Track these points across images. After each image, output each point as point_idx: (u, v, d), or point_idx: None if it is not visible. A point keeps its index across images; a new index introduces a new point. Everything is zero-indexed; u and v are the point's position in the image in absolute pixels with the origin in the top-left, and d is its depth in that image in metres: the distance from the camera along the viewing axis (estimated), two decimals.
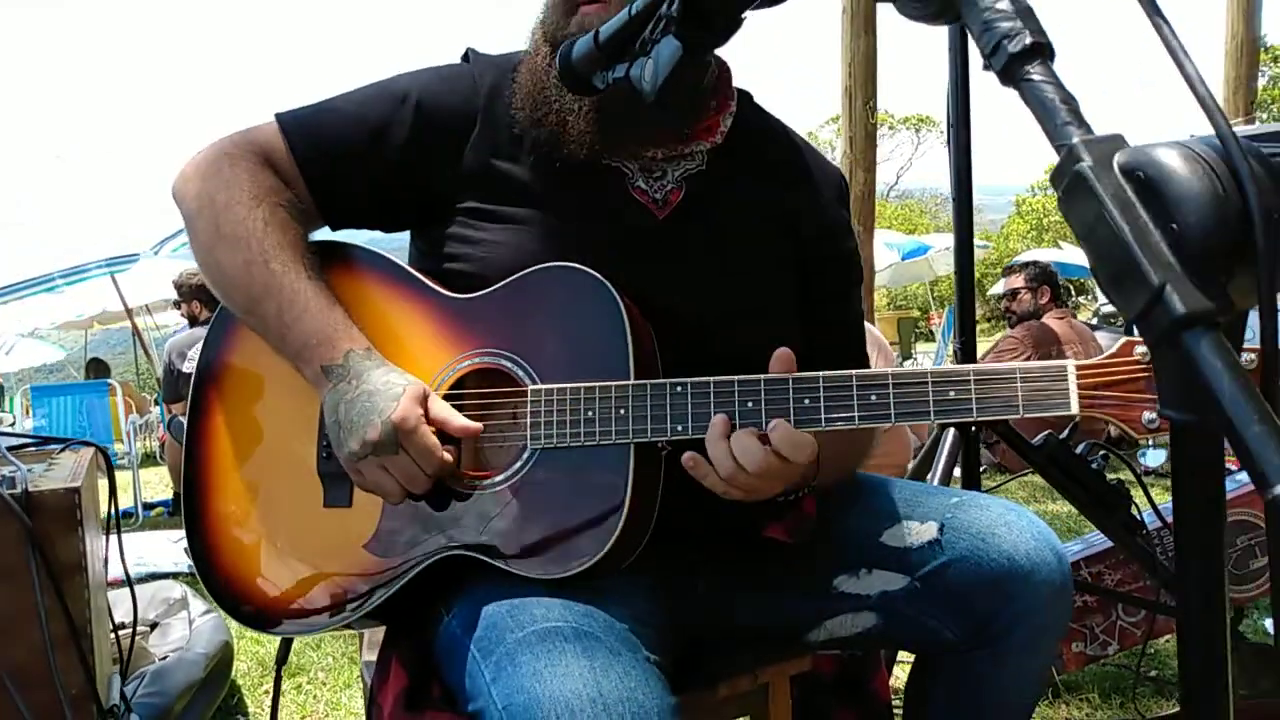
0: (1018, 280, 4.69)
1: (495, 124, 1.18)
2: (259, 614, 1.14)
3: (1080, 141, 0.50)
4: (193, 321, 5.27)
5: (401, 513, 1.10)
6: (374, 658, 1.25)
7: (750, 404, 1.00)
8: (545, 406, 1.06)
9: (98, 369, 9.53)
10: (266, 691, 2.55)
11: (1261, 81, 25.29)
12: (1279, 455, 0.41)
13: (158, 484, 6.76)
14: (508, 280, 1.11)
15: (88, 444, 1.47)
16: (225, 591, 1.16)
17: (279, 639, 1.32)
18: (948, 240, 15.55)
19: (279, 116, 1.20)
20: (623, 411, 1.03)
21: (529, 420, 1.06)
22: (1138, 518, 2.09)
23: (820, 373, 1.00)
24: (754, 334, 1.12)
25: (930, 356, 11.56)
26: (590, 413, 1.04)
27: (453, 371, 1.12)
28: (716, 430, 0.99)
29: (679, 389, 1.02)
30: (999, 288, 4.83)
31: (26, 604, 1.09)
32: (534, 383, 1.07)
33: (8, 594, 1.09)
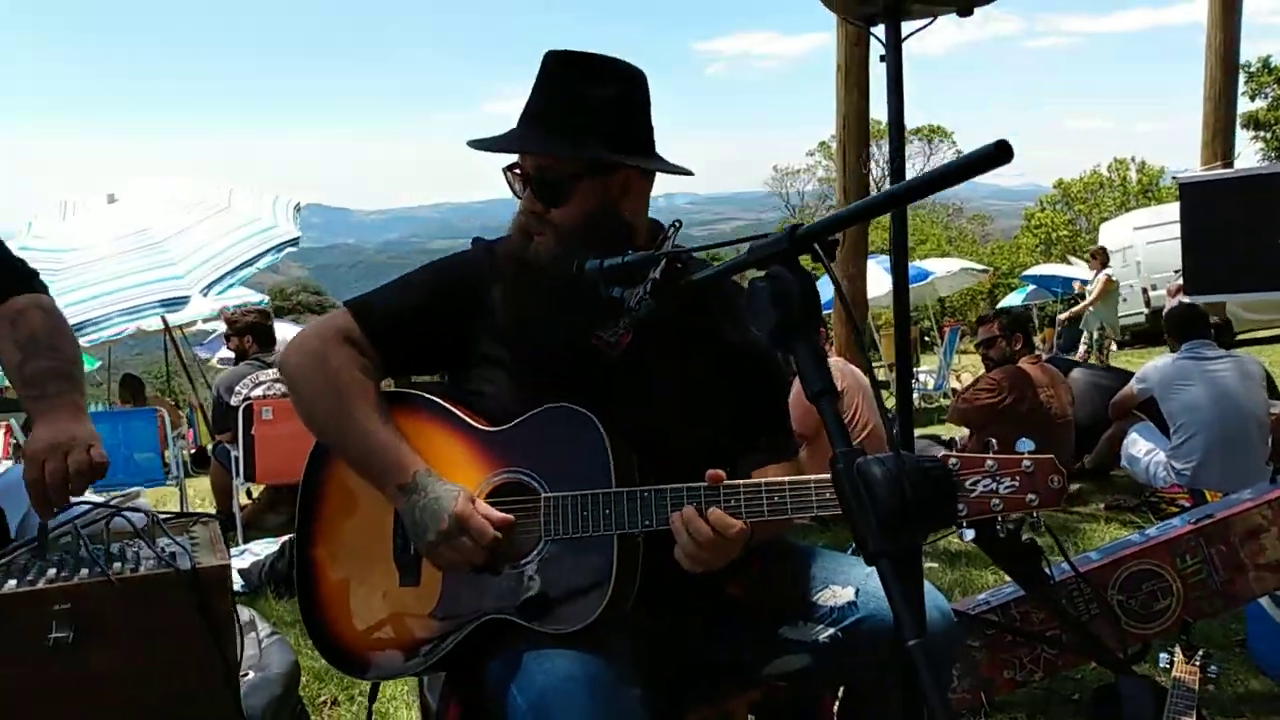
0: (993, 329, 5.10)
1: (493, 301, 1.62)
2: (353, 663, 1.58)
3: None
4: (240, 354, 5.74)
5: (455, 589, 1.52)
6: (436, 683, 1.70)
7: (693, 504, 1.43)
8: (554, 508, 1.49)
9: (133, 387, 10.05)
10: (324, 701, 2.99)
11: (1264, 103, 25.52)
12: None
13: (192, 498, 7.19)
14: (524, 416, 1.54)
15: (212, 516, 1.91)
16: (328, 644, 1.59)
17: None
18: (950, 264, 15.90)
19: (348, 304, 1.65)
20: (608, 511, 1.45)
21: (542, 518, 1.49)
22: (1047, 571, 2.52)
23: (740, 482, 1.42)
24: (694, 437, 1.55)
25: (932, 375, 11.68)
26: (585, 512, 1.46)
27: (488, 483, 1.55)
28: (678, 520, 1.41)
29: (646, 494, 1.45)
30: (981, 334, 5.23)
31: (194, 655, 1.53)
32: (545, 491, 1.50)
33: (181, 645, 1.52)
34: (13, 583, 1.51)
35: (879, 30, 2.60)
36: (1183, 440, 4.62)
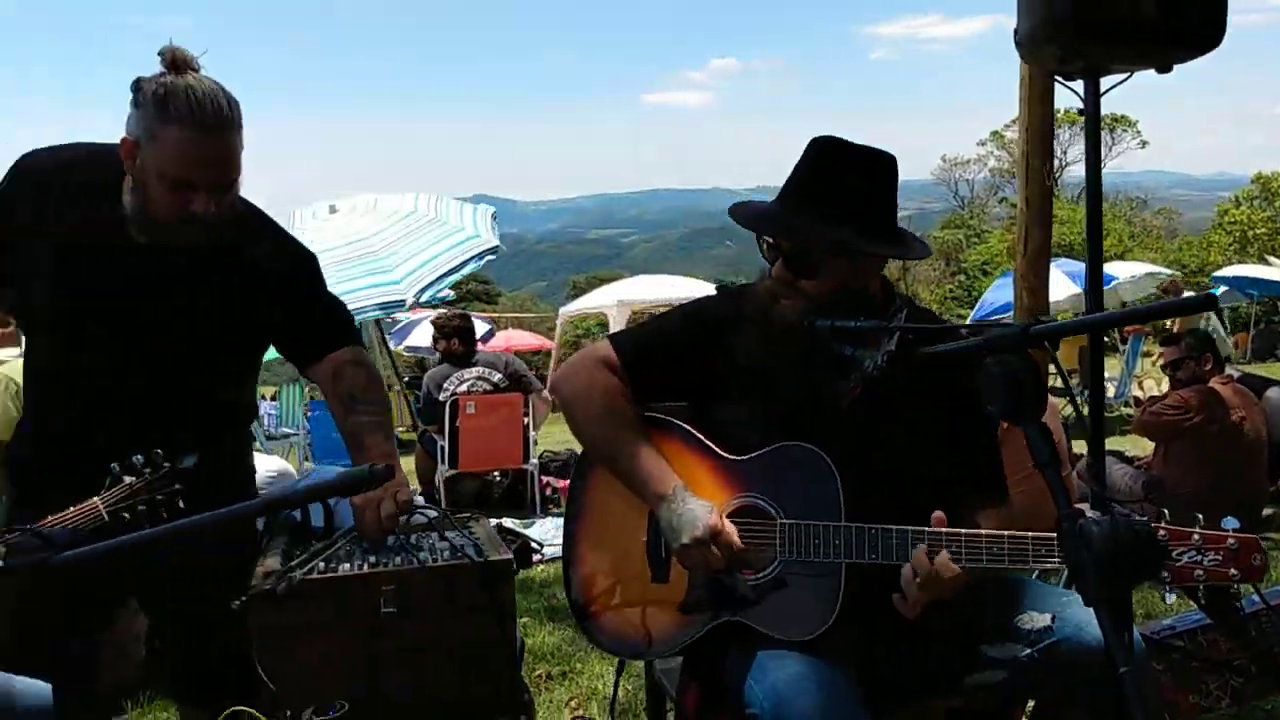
0: (1179, 352, 4.98)
1: (736, 346, 1.87)
2: (604, 640, 1.89)
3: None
4: (447, 354, 6.31)
5: (699, 589, 1.81)
6: (665, 667, 2.00)
7: (919, 545, 1.65)
8: (789, 533, 1.74)
9: None
10: (540, 676, 3.37)
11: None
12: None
13: None
14: (762, 450, 1.80)
15: (480, 514, 2.29)
16: (585, 621, 1.91)
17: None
18: (1134, 268, 15.11)
19: (610, 338, 1.96)
20: (838, 542, 1.70)
21: (778, 541, 1.75)
22: (1237, 604, 2.59)
23: (962, 531, 1.63)
24: (914, 481, 1.76)
25: (1113, 382, 11.21)
26: (818, 540, 1.71)
27: (730, 504, 1.82)
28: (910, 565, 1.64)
29: (874, 530, 1.68)
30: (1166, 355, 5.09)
31: (486, 631, 1.88)
32: (780, 517, 1.76)
33: (475, 623, 1.88)
34: (347, 566, 1.90)
35: (1078, 85, 2.71)
36: None
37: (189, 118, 1.81)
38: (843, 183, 1.77)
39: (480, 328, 15.17)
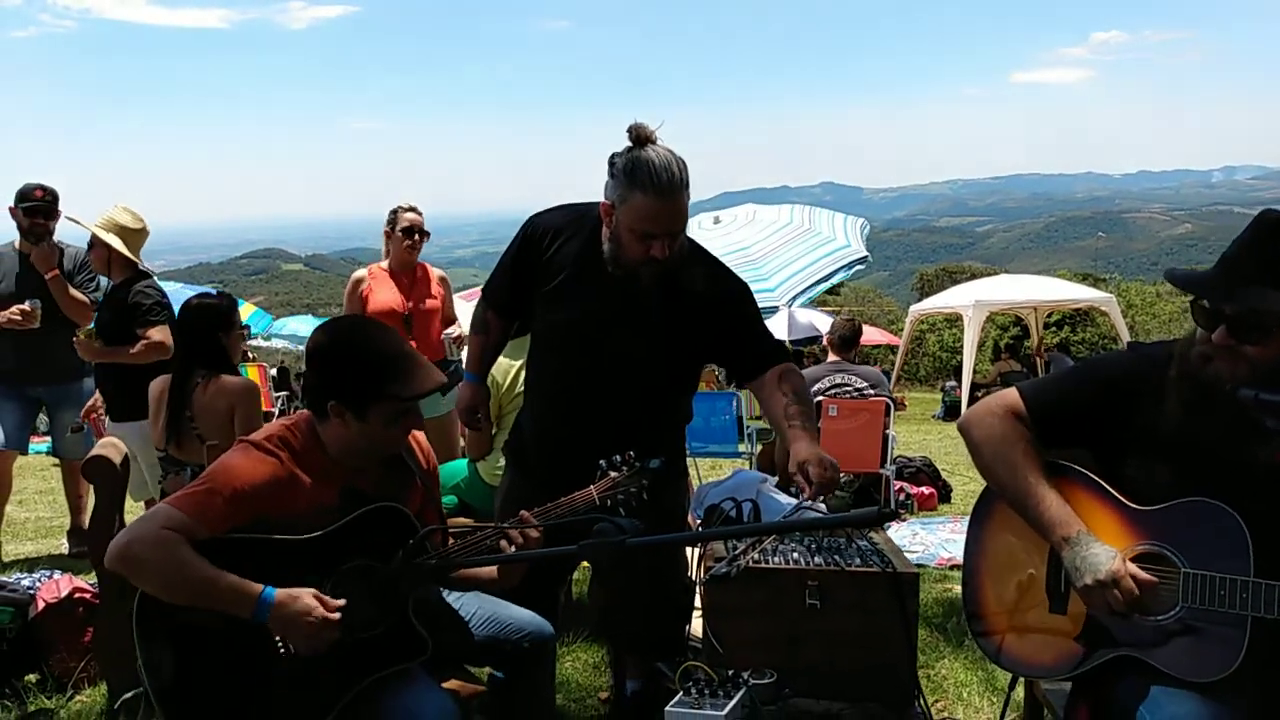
0: None
1: (1152, 406, 2.00)
2: (1008, 661, 2.13)
3: None
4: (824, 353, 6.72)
5: (1098, 624, 2.00)
6: (1050, 687, 2.21)
7: None
8: (1193, 582, 1.88)
9: None
10: None
11: None
12: None
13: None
14: (1171, 503, 1.94)
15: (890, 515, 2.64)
16: (987, 643, 2.16)
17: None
18: None
19: (1019, 388, 2.16)
20: (1244, 595, 1.82)
21: (1180, 589, 1.90)
22: None
23: None
24: None
25: None
26: (1223, 591, 1.84)
27: (1135, 549, 1.99)
28: None
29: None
30: None
31: (889, 631, 2.22)
32: (1184, 567, 1.91)
33: (888, 624, 2.22)
34: (779, 559, 2.32)
35: None
36: None
37: (650, 186, 2.41)
38: None
39: (821, 321, 15.42)
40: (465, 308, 5.41)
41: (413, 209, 4.96)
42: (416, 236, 4.91)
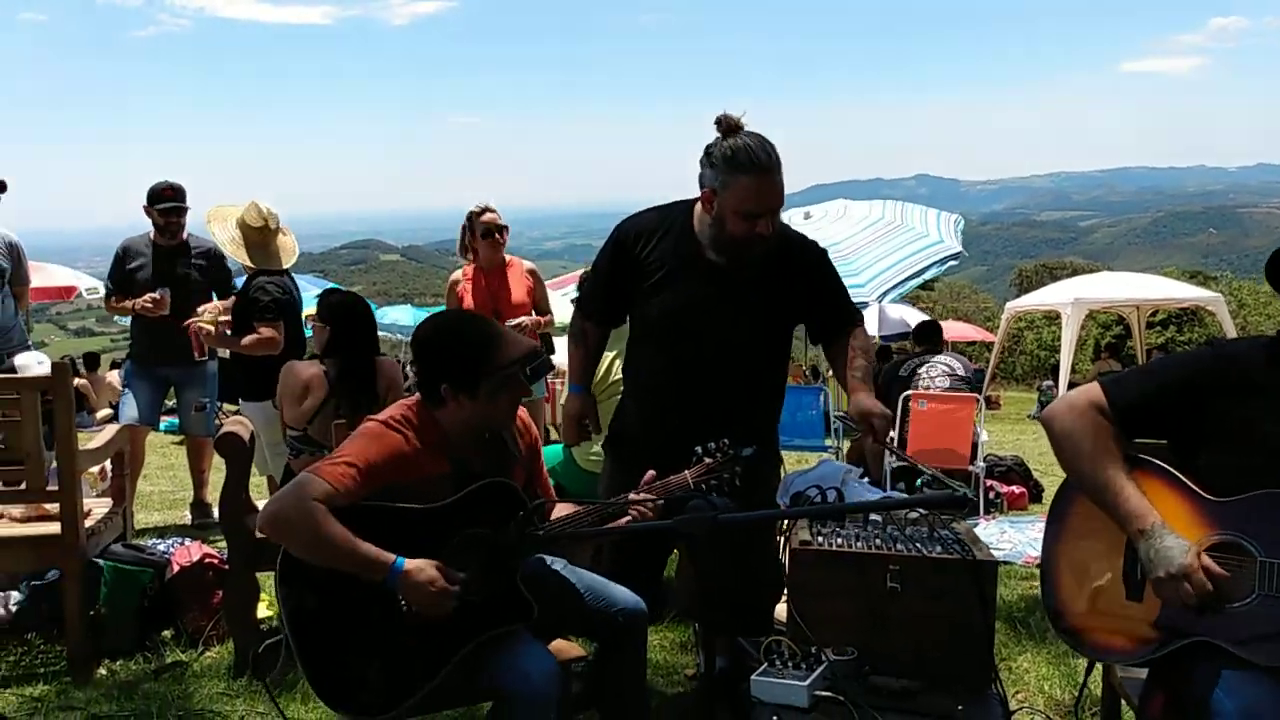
0: None
1: (1228, 404, 2.06)
2: (1086, 649, 2.20)
3: None
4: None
5: (1173, 611, 2.06)
6: (1125, 674, 2.27)
7: None
8: (1270, 570, 1.93)
9: None
10: None
11: None
12: None
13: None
14: (1248, 494, 1.99)
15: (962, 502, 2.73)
16: (1067, 630, 2.22)
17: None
18: None
19: (1101, 382, 2.21)
20: None
21: (1257, 575, 1.95)
22: None
23: None
24: None
25: None
26: None
27: (1210, 539, 2.04)
28: None
29: None
30: None
31: (969, 616, 2.31)
32: (1260, 556, 1.96)
33: (961, 608, 2.31)
34: (861, 544, 2.44)
35: None
36: None
37: (751, 167, 2.61)
38: None
39: (912, 316, 15.22)
40: (552, 296, 5.66)
41: (487, 209, 5.14)
42: (497, 235, 5.12)
